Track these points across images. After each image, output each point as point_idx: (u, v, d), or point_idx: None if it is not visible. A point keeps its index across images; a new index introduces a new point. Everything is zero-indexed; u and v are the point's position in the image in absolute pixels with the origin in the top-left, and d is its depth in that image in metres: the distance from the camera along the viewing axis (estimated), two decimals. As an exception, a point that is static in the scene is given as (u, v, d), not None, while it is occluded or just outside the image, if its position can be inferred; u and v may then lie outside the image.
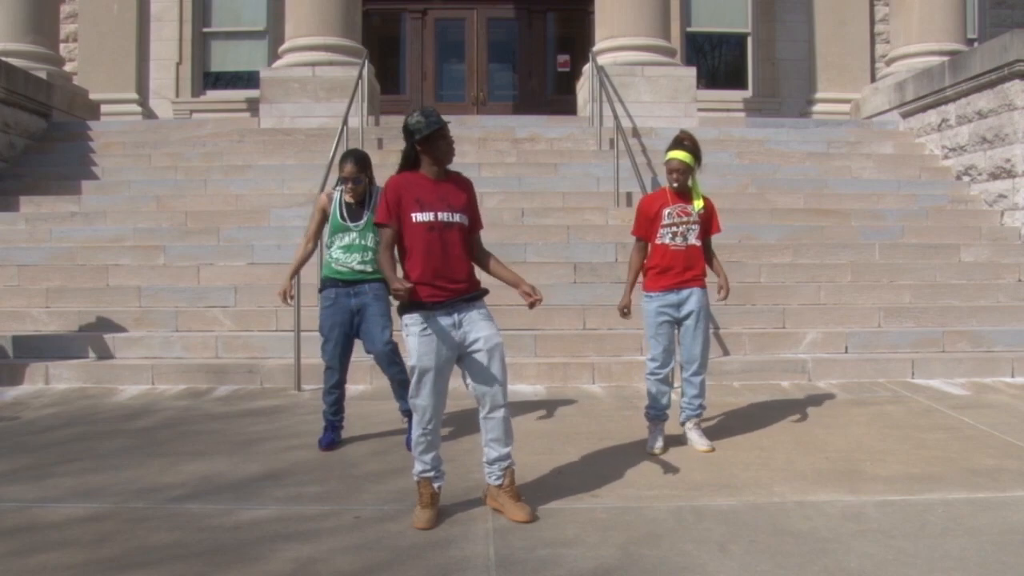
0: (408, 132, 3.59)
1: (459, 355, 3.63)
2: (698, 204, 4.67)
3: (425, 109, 3.62)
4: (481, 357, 3.59)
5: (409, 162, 3.65)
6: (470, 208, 3.71)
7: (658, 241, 4.64)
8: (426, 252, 3.56)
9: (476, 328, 3.60)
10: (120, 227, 8.44)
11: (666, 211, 4.63)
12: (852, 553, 3.26)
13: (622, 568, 3.15)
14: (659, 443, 4.69)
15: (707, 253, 4.79)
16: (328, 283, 4.84)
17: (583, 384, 6.56)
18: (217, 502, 3.88)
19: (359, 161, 4.78)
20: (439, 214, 3.58)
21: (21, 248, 8.13)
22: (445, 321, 3.57)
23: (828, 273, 7.92)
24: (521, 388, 6.32)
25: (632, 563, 3.19)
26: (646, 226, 4.71)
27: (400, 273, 3.64)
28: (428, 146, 3.58)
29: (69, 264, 7.88)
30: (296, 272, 5.13)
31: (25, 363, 6.63)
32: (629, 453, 4.65)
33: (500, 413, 3.64)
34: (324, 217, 4.88)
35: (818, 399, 6.02)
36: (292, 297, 5.04)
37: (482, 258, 3.82)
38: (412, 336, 3.57)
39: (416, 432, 3.64)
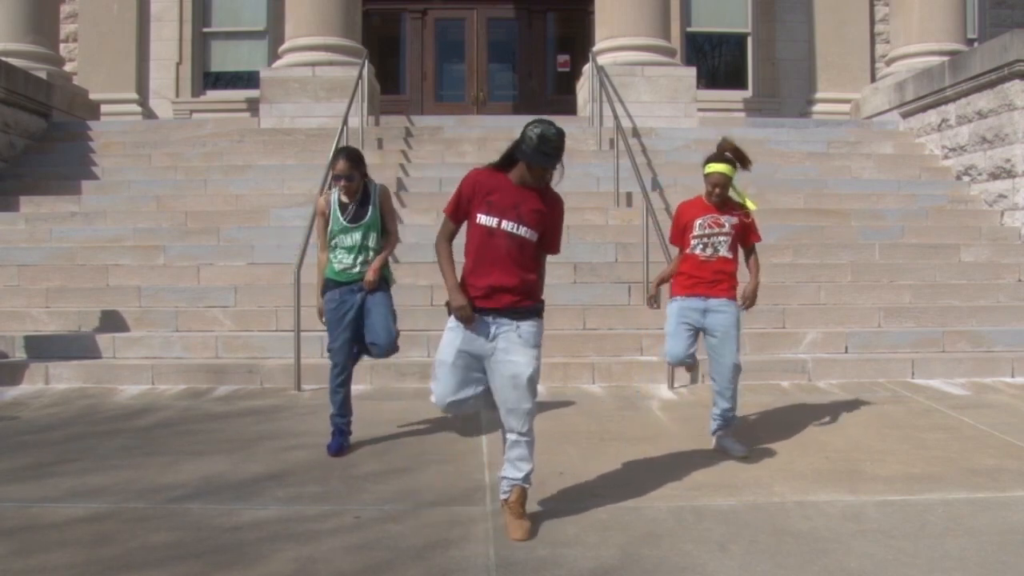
0: (522, 138, 3.42)
1: (486, 370, 3.54)
2: (751, 205, 4.66)
3: (548, 138, 3.37)
4: (505, 382, 3.48)
5: (505, 161, 3.53)
6: (546, 226, 3.54)
7: (688, 251, 4.60)
8: (479, 255, 3.49)
9: (510, 351, 3.47)
10: (120, 227, 8.44)
11: (697, 222, 4.58)
12: (852, 553, 3.27)
13: (622, 568, 3.15)
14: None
15: (749, 259, 4.76)
16: (331, 284, 4.75)
17: (583, 384, 6.56)
18: (217, 502, 3.88)
19: (351, 158, 4.67)
20: (504, 222, 3.45)
21: (21, 248, 8.13)
22: (484, 328, 3.48)
23: (828, 273, 7.92)
24: (521, 388, 6.31)
25: (632, 563, 3.19)
26: (679, 235, 4.71)
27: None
28: (527, 163, 3.44)
29: (69, 264, 7.88)
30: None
31: (25, 363, 6.63)
32: (629, 453, 4.65)
33: (513, 437, 3.54)
34: (326, 221, 4.78)
35: (818, 399, 6.02)
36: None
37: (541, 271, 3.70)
38: (445, 333, 3.57)
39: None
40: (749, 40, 14.15)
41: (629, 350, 6.98)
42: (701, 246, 4.57)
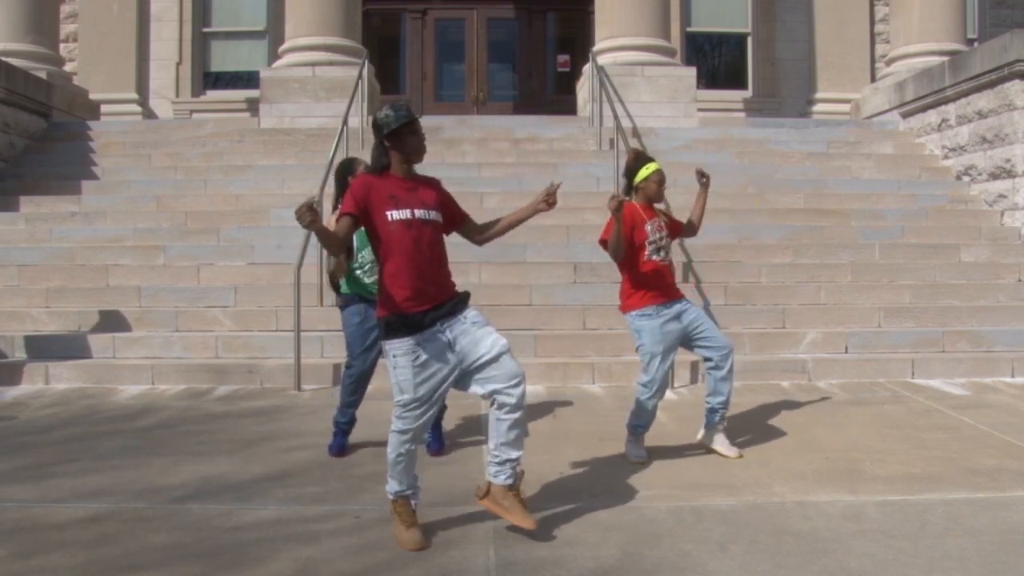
0: (376, 128, 3.36)
1: (462, 374, 3.36)
2: (663, 218, 4.59)
3: (395, 104, 3.39)
4: (494, 367, 3.31)
5: (378, 165, 3.41)
6: (444, 205, 3.50)
7: (646, 258, 4.41)
8: (406, 253, 3.30)
9: (476, 339, 3.33)
10: (120, 227, 8.44)
11: (648, 226, 4.42)
12: (852, 553, 3.27)
13: (622, 568, 3.15)
14: (644, 452, 4.56)
15: (689, 227, 4.78)
16: (357, 299, 4.63)
17: (583, 384, 6.56)
18: (218, 503, 3.88)
19: None
20: (416, 211, 3.34)
21: (21, 248, 8.13)
22: (441, 341, 3.32)
23: (828, 273, 7.92)
24: (521, 388, 6.31)
25: (632, 563, 3.19)
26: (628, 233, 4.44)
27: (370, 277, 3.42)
28: (396, 141, 3.37)
29: (69, 264, 7.88)
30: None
31: (25, 363, 6.63)
32: (629, 453, 4.64)
33: (519, 414, 3.34)
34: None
35: (818, 399, 6.03)
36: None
37: (488, 227, 3.66)
38: (402, 368, 3.28)
39: (394, 454, 3.42)
40: (749, 40, 14.16)
41: (629, 350, 6.95)
42: (656, 250, 4.44)
